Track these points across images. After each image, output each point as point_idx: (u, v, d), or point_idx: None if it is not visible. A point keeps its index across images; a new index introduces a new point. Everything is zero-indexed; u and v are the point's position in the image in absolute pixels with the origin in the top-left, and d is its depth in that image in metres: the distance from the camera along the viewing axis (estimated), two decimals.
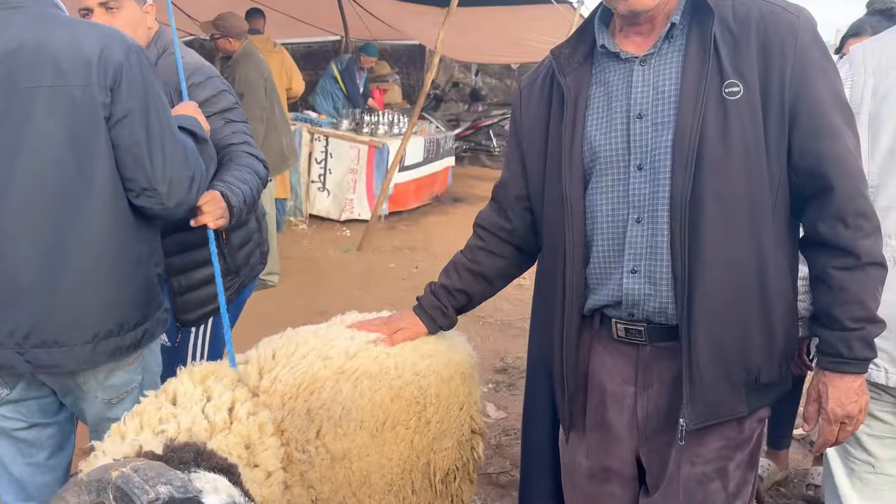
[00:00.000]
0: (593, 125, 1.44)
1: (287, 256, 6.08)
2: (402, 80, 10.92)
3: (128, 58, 1.59)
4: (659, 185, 1.36)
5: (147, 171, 1.60)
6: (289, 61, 6.07)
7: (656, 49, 1.38)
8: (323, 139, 6.95)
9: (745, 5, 1.35)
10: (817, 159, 1.32)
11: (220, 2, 7.24)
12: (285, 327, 1.87)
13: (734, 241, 1.34)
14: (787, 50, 1.31)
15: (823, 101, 1.32)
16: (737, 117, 1.31)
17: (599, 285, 1.47)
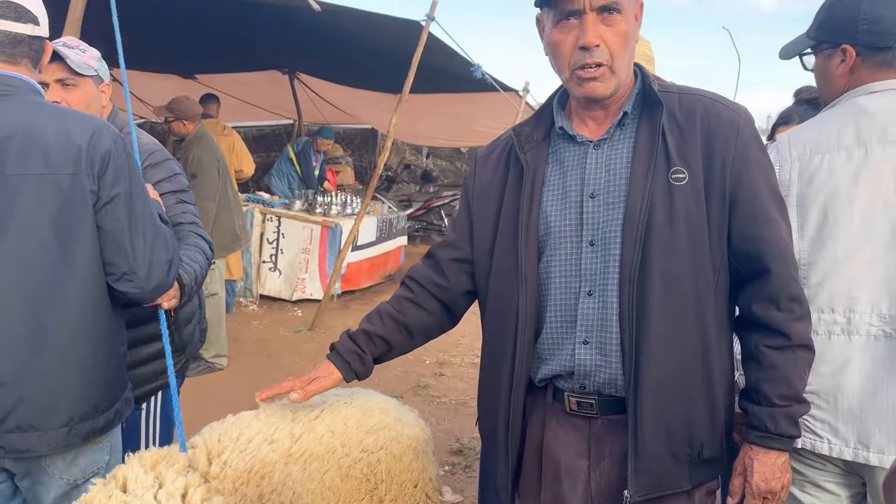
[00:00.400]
0: (549, 201, 1.50)
1: (237, 338, 5.96)
2: (354, 162, 11.10)
3: (115, 145, 1.63)
4: (609, 260, 1.43)
5: (128, 256, 1.63)
6: (239, 144, 6.16)
7: (609, 135, 1.47)
8: (275, 219, 6.96)
9: (691, 100, 1.46)
10: (755, 243, 1.42)
11: (174, 87, 7.35)
12: (235, 411, 1.83)
13: (679, 318, 1.40)
14: (728, 143, 1.41)
15: (760, 191, 1.42)
16: (682, 201, 1.39)
17: (551, 355, 1.50)
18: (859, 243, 1.62)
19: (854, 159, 1.64)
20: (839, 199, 1.64)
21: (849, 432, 1.62)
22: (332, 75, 8.01)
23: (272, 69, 8.09)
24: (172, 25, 6.09)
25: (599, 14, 1.37)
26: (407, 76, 5.65)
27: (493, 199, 1.57)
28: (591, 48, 1.38)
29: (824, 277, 1.66)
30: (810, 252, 1.67)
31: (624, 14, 1.39)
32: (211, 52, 7.06)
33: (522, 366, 1.51)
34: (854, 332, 1.62)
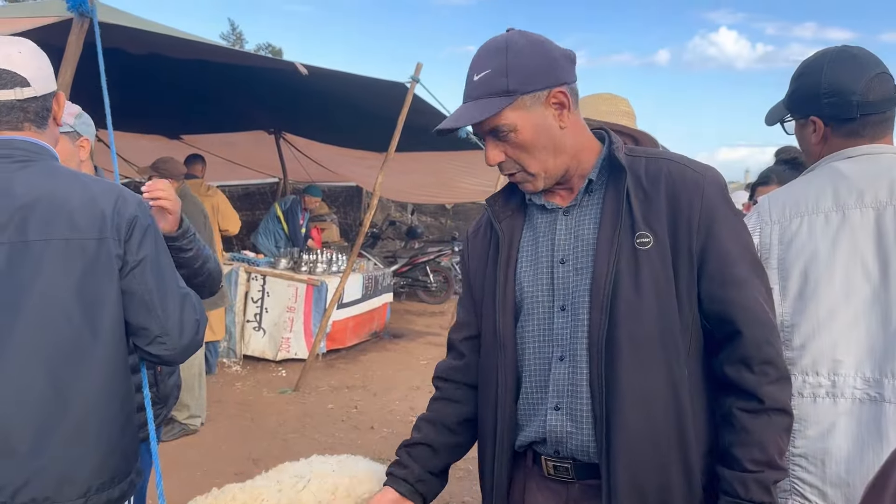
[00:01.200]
0: (523, 267, 1.53)
1: (219, 400, 5.83)
2: (339, 219, 11.12)
3: (140, 209, 1.64)
4: (579, 325, 1.44)
5: (160, 319, 1.62)
6: (223, 203, 6.16)
7: (577, 201, 1.51)
8: (260, 278, 6.91)
9: (656, 164, 1.47)
10: (725, 305, 1.40)
11: (159, 147, 7.39)
12: (217, 476, 1.77)
13: (650, 382, 1.39)
14: (693, 205, 1.41)
15: (730, 251, 1.41)
16: (648, 265, 1.40)
17: (528, 421, 1.50)
18: (841, 306, 1.63)
19: (832, 222, 1.66)
20: (819, 262, 1.65)
21: (837, 496, 1.60)
22: (317, 135, 8.10)
23: (258, 129, 8.17)
24: (159, 87, 6.16)
25: (493, 136, 1.45)
26: (392, 135, 5.72)
27: (482, 270, 1.61)
28: (496, 165, 1.48)
29: (807, 340, 1.66)
30: (792, 314, 1.68)
31: (519, 129, 1.42)
32: (196, 113, 7.14)
33: (504, 431, 1.52)
34: (839, 395, 1.62)
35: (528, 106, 1.43)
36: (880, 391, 1.58)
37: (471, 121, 1.42)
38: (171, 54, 4.88)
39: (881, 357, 1.59)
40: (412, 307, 10.41)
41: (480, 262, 1.62)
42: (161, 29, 4.34)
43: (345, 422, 5.44)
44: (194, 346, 1.71)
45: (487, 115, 1.40)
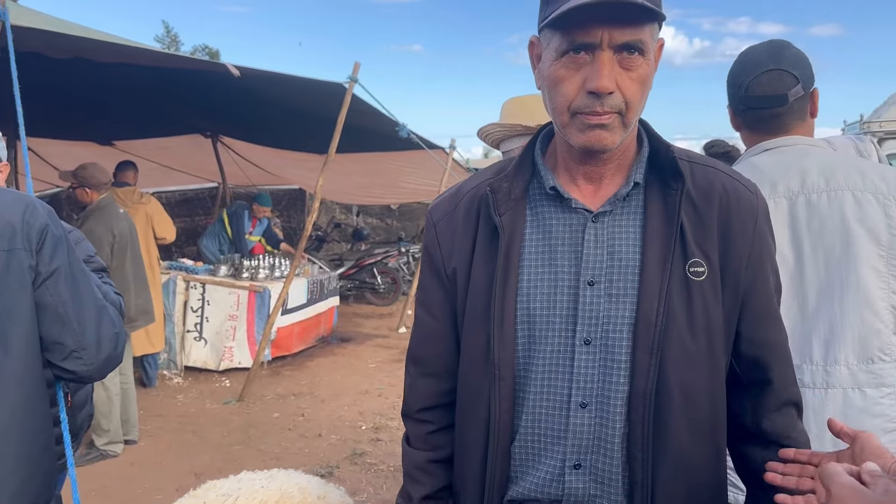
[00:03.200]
0: (532, 280, 1.20)
1: (160, 414, 5.65)
2: (282, 223, 10.95)
3: (50, 219, 1.57)
4: (614, 367, 1.15)
5: (76, 333, 1.55)
6: (158, 211, 5.93)
7: (612, 207, 1.19)
8: (199, 286, 6.72)
9: (706, 173, 1.22)
10: (765, 348, 1.23)
11: (90, 154, 7.13)
12: (160, 493, 1.70)
13: (698, 442, 1.17)
14: (747, 233, 1.19)
15: (770, 288, 1.24)
16: (700, 301, 1.15)
17: (523, 474, 1.21)
18: None
19: None
20: None
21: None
22: (256, 137, 7.94)
23: (193, 133, 7.96)
24: (85, 92, 5.93)
25: (618, 53, 1.08)
26: (332, 136, 5.64)
27: (464, 265, 1.26)
28: (603, 95, 1.08)
29: None
30: None
31: (647, 57, 1.10)
32: (128, 117, 6.91)
33: (494, 485, 1.21)
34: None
35: (655, 38, 1.13)
36: (800, 377, 1.60)
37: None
38: (96, 58, 4.70)
39: (800, 343, 1.62)
40: (360, 310, 10.31)
41: (460, 255, 1.27)
42: (83, 32, 4.16)
43: (292, 430, 5.34)
44: (113, 360, 1.65)
45: (652, 5, 1.05)
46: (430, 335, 1.33)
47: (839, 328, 1.58)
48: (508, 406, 1.20)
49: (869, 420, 1.56)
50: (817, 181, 1.64)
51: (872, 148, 2.31)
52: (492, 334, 1.19)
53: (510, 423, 1.20)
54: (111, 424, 4.77)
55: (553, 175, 1.22)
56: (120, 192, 5.57)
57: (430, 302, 1.32)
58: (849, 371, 1.57)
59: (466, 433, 1.26)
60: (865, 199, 1.59)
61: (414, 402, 1.35)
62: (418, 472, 1.34)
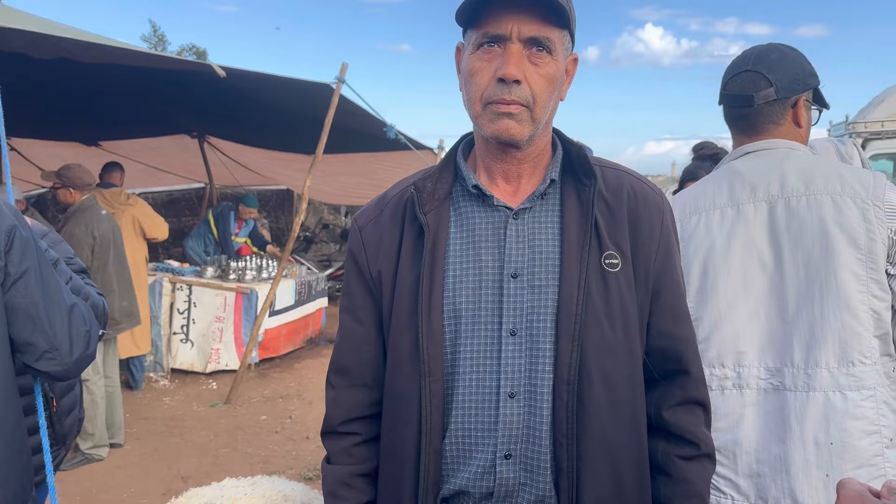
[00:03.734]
0: (458, 276, 1.24)
1: (147, 417, 5.61)
2: (270, 224, 10.90)
3: (17, 219, 1.55)
4: (539, 356, 1.20)
5: (47, 332, 1.54)
6: (145, 211, 5.89)
7: (531, 204, 1.26)
8: (185, 288, 6.68)
9: (616, 175, 1.30)
10: (674, 341, 1.28)
11: (76, 155, 7.07)
12: (146, 496, 1.69)
13: (620, 427, 1.21)
14: (654, 230, 1.27)
15: (679, 284, 1.32)
16: (616, 290, 1.22)
17: (456, 469, 1.22)
18: (740, 298, 1.68)
19: (728, 217, 1.72)
20: (716, 256, 1.71)
21: (749, 487, 1.64)
22: (243, 138, 7.90)
23: (180, 133, 7.91)
24: (71, 93, 5.88)
25: (527, 47, 1.17)
26: (320, 137, 5.62)
27: (390, 267, 1.28)
28: (509, 82, 1.15)
29: (710, 332, 1.70)
30: (696, 308, 1.72)
31: (555, 57, 1.19)
32: (114, 118, 6.86)
33: (429, 483, 1.22)
34: (745, 385, 1.66)
35: (564, 48, 1.22)
36: (781, 380, 1.62)
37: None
38: (80, 59, 4.65)
39: (781, 346, 1.63)
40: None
41: (386, 258, 1.29)
42: (67, 32, 4.12)
43: (279, 433, 5.31)
44: (86, 359, 1.64)
45: (560, 1, 1.14)
46: (356, 342, 1.32)
47: (819, 331, 1.59)
48: (439, 402, 1.22)
49: (850, 423, 1.57)
50: (796, 185, 1.65)
51: (854, 150, 2.32)
52: (420, 330, 1.21)
53: (441, 420, 1.22)
54: (96, 428, 4.73)
55: (475, 175, 1.29)
56: (106, 193, 5.53)
57: (355, 307, 1.33)
58: (829, 374, 1.58)
59: (397, 436, 1.25)
60: (844, 203, 1.60)
61: (337, 416, 1.33)
62: (342, 487, 1.31)
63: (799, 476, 1.58)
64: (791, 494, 1.59)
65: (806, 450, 1.58)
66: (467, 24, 1.22)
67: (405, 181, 1.35)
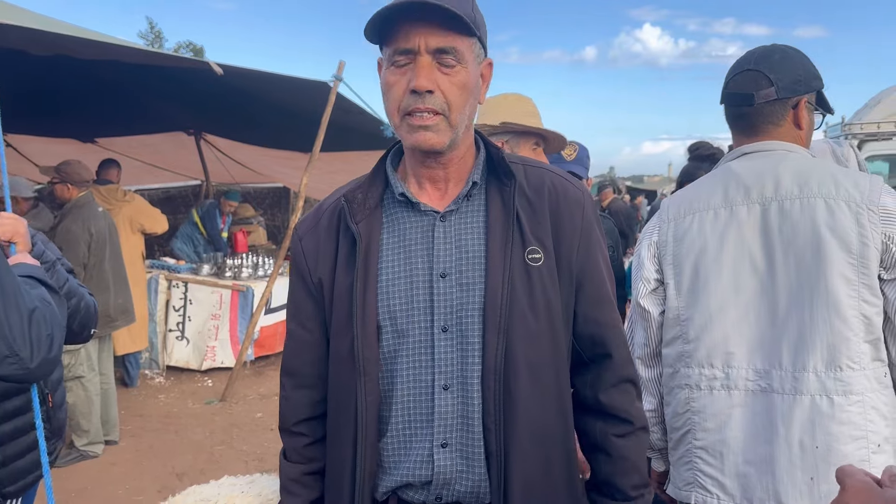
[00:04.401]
0: (390, 279, 1.31)
1: (142, 414, 5.61)
2: (266, 222, 10.88)
3: None
4: (468, 349, 1.27)
5: (6, 337, 1.52)
6: (143, 207, 5.88)
7: (457, 207, 1.33)
8: (181, 285, 6.67)
9: (537, 173, 1.37)
10: (599, 326, 1.36)
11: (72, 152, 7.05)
12: (141, 493, 1.69)
13: (545, 412, 1.29)
14: (575, 223, 1.34)
15: (602, 271, 1.37)
16: (539, 284, 1.29)
17: (398, 462, 1.29)
18: (730, 299, 1.68)
19: (721, 218, 1.72)
20: (708, 256, 1.71)
21: (735, 487, 1.65)
22: (239, 135, 7.88)
23: (177, 130, 7.89)
24: (67, 89, 5.86)
25: (435, 58, 1.22)
26: (317, 135, 5.62)
27: (328, 275, 1.36)
28: (422, 93, 1.21)
29: (700, 332, 1.71)
30: (686, 307, 1.74)
31: (465, 65, 1.25)
32: (111, 114, 6.84)
33: (365, 476, 1.28)
34: (733, 387, 1.67)
35: (475, 55, 1.28)
36: (769, 382, 1.63)
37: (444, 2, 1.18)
38: (77, 55, 4.64)
39: (770, 348, 1.64)
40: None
41: (324, 266, 1.36)
42: (64, 28, 4.11)
43: (274, 431, 5.31)
44: (49, 362, 1.63)
45: (457, 10, 1.19)
46: (302, 346, 1.40)
47: (808, 335, 1.59)
48: (374, 399, 1.29)
49: (836, 427, 1.56)
50: (791, 188, 1.65)
51: (851, 152, 2.33)
52: (355, 334, 1.28)
53: (377, 417, 1.29)
54: (91, 425, 4.73)
55: (403, 184, 1.35)
56: (103, 189, 5.53)
57: (300, 313, 1.41)
58: (817, 378, 1.58)
59: (336, 432, 1.34)
60: (838, 207, 1.60)
61: (290, 416, 1.43)
62: (294, 484, 1.42)
63: (784, 478, 1.59)
64: (775, 496, 1.60)
65: (791, 452, 1.59)
66: (380, 41, 1.27)
67: (339, 191, 1.41)
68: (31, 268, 1.83)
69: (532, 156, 2.30)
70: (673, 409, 1.80)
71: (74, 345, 2.47)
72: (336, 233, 1.36)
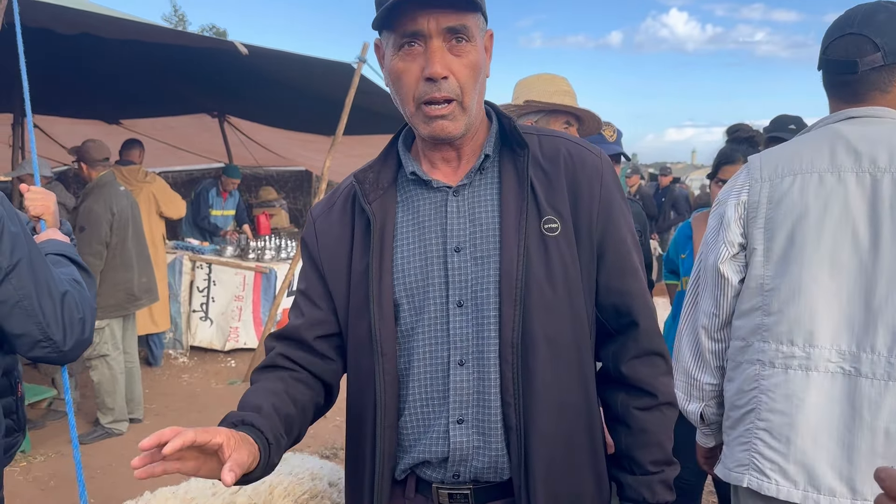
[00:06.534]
0: (405, 257, 1.30)
1: (165, 393, 5.67)
2: (289, 205, 10.92)
3: (3, 207, 1.51)
4: (484, 323, 1.24)
5: (40, 322, 1.53)
6: (163, 189, 5.90)
7: (469, 180, 1.30)
8: (205, 267, 6.71)
9: (552, 142, 1.34)
10: (623, 296, 1.31)
11: (97, 132, 7.10)
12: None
13: (564, 384, 1.26)
14: (594, 191, 1.30)
15: (626, 240, 1.33)
16: (557, 254, 1.26)
17: (416, 440, 1.28)
18: (825, 273, 1.56)
19: (826, 184, 1.58)
20: (808, 224, 1.58)
21: (798, 473, 1.57)
22: (262, 118, 7.89)
23: (201, 112, 7.91)
24: (93, 69, 5.89)
25: (446, 40, 1.19)
26: (340, 118, 5.59)
27: (343, 257, 1.33)
28: (437, 80, 1.19)
29: (785, 304, 1.59)
30: (773, 277, 1.61)
31: (473, 42, 1.22)
32: (135, 96, 6.87)
33: (385, 456, 1.26)
34: (812, 367, 1.57)
35: (480, 29, 1.25)
36: (856, 365, 1.54)
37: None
38: (103, 34, 4.65)
39: (860, 330, 1.54)
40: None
41: (339, 248, 1.34)
42: (91, 7, 4.12)
43: None
44: (82, 344, 1.63)
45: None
46: (309, 321, 1.35)
47: None
48: (392, 380, 1.26)
49: None
50: None
51: None
52: (372, 314, 1.26)
53: (396, 396, 1.27)
54: (116, 403, 4.79)
55: (415, 162, 1.33)
56: (125, 170, 5.56)
57: (311, 292, 1.37)
58: None
59: (357, 413, 1.32)
60: None
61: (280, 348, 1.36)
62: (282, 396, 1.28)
63: (862, 465, 1.52)
64: (849, 482, 1.53)
65: (875, 440, 1.52)
66: (383, 26, 1.23)
67: (354, 173, 1.39)
68: (62, 245, 1.83)
69: None
70: (737, 385, 1.70)
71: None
72: (351, 215, 1.35)
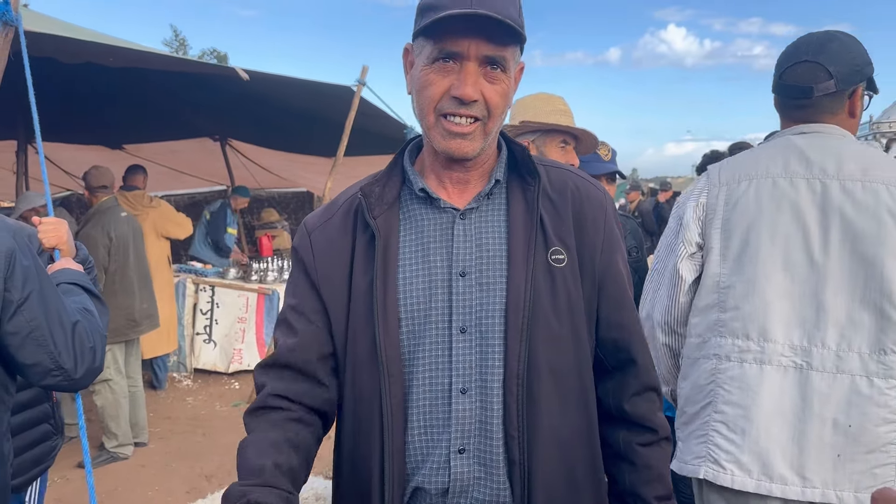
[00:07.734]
0: (409, 277, 1.26)
1: (170, 416, 5.68)
2: (290, 226, 10.96)
3: (16, 240, 1.53)
4: (488, 352, 1.22)
5: (52, 352, 1.55)
6: (168, 212, 5.95)
7: (477, 205, 1.29)
8: (208, 289, 6.74)
9: (560, 174, 1.34)
10: (622, 330, 1.32)
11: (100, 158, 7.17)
12: (169, 496, 1.71)
13: (569, 419, 1.25)
14: (598, 224, 1.31)
15: (623, 275, 1.34)
16: (563, 285, 1.25)
17: (417, 468, 1.23)
18: (778, 270, 1.66)
19: (780, 188, 1.69)
20: (762, 224, 1.69)
21: (753, 462, 1.64)
22: (264, 140, 7.96)
23: (203, 136, 7.98)
24: (96, 96, 5.97)
25: (482, 65, 1.19)
26: (341, 140, 5.65)
27: (342, 272, 1.28)
28: (468, 102, 1.19)
29: (740, 301, 1.69)
30: (730, 275, 1.71)
31: (508, 73, 1.22)
32: (138, 121, 6.94)
33: (394, 479, 1.21)
34: (766, 361, 1.66)
35: (515, 61, 1.24)
36: (808, 359, 1.62)
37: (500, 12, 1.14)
38: (106, 63, 4.72)
39: (812, 326, 1.63)
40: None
41: (338, 261, 1.29)
42: (93, 37, 4.19)
43: None
44: (93, 372, 1.66)
45: (512, 22, 1.15)
46: (302, 344, 1.28)
47: (857, 316, 1.59)
48: (399, 402, 1.22)
49: (872, 409, 1.58)
50: (853, 169, 1.64)
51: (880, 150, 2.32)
52: (377, 334, 1.22)
53: (403, 419, 1.22)
54: (120, 427, 4.80)
55: (423, 179, 1.30)
56: (129, 195, 5.61)
57: (304, 307, 1.30)
58: (860, 359, 1.59)
59: (362, 438, 1.25)
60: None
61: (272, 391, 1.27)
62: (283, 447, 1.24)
63: (812, 453, 1.60)
64: (799, 470, 1.60)
65: (823, 429, 1.60)
66: (422, 34, 1.21)
67: (354, 186, 1.36)
68: (75, 273, 1.86)
69: (560, 154, 2.30)
70: (693, 381, 1.78)
71: None
72: (352, 229, 1.30)
